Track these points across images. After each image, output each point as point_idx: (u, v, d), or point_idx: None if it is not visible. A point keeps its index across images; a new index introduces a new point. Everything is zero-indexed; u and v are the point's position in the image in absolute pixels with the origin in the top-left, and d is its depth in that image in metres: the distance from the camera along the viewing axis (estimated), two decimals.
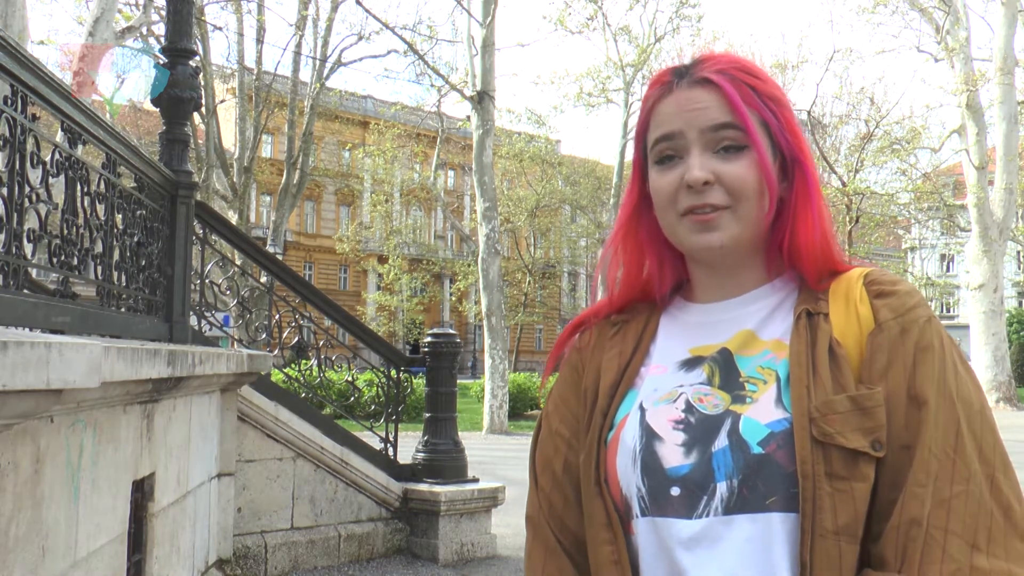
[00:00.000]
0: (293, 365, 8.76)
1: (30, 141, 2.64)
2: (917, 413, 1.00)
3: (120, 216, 3.75)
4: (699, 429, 1.06)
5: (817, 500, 0.98)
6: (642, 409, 1.12)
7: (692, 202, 1.09)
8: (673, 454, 1.06)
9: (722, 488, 1.02)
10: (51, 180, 2.87)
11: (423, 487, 6.67)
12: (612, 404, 1.15)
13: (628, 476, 1.08)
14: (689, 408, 1.09)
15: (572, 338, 1.28)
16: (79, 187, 3.16)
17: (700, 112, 1.10)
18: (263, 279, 9.18)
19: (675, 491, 1.04)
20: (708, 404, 1.08)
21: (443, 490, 6.59)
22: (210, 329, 6.30)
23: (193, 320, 5.44)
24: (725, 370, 1.11)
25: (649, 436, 1.08)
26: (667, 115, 1.12)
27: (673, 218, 1.12)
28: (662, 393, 1.12)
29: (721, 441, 1.04)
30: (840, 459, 0.99)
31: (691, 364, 1.14)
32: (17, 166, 2.54)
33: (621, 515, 1.11)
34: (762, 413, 1.04)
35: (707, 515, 1.02)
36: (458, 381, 7.38)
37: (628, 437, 1.10)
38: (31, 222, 2.71)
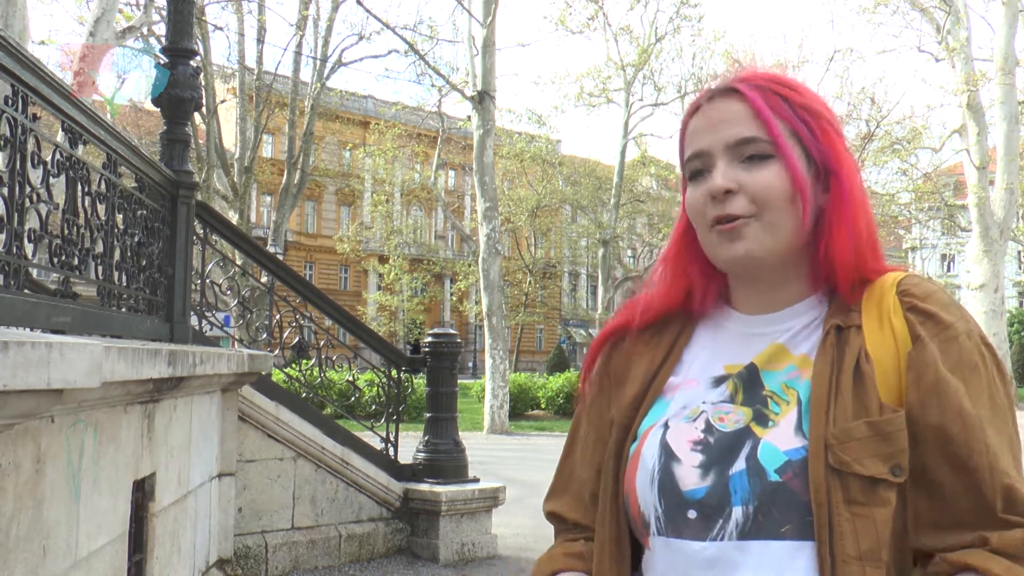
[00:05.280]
0: (294, 365, 8.75)
1: (31, 141, 2.64)
2: (963, 431, 1.00)
3: (121, 216, 3.75)
4: (716, 449, 1.06)
5: (836, 527, 0.97)
6: (666, 426, 1.11)
7: (717, 212, 1.09)
8: (690, 476, 1.05)
9: (737, 513, 1.01)
10: (52, 180, 2.87)
11: (424, 487, 6.67)
12: (637, 415, 1.15)
13: (646, 495, 1.09)
14: (709, 428, 1.08)
15: (606, 344, 1.27)
16: (80, 187, 3.16)
17: (726, 126, 1.10)
18: (264, 279, 9.18)
19: (692, 514, 1.04)
20: (728, 422, 1.07)
21: (444, 490, 6.59)
22: (211, 329, 6.30)
23: (194, 320, 5.44)
24: (749, 385, 1.10)
25: (667, 456, 1.08)
26: (696, 133, 1.13)
27: (704, 231, 1.12)
28: (687, 410, 1.12)
29: (739, 464, 1.03)
30: (858, 486, 0.98)
31: (720, 380, 1.13)
32: (18, 166, 2.54)
33: (638, 528, 1.11)
34: (781, 439, 1.03)
35: (721, 539, 1.02)
36: (459, 381, 7.38)
37: (648, 454, 1.10)
38: (32, 222, 2.71)
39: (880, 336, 1.05)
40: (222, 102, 23.81)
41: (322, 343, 7.16)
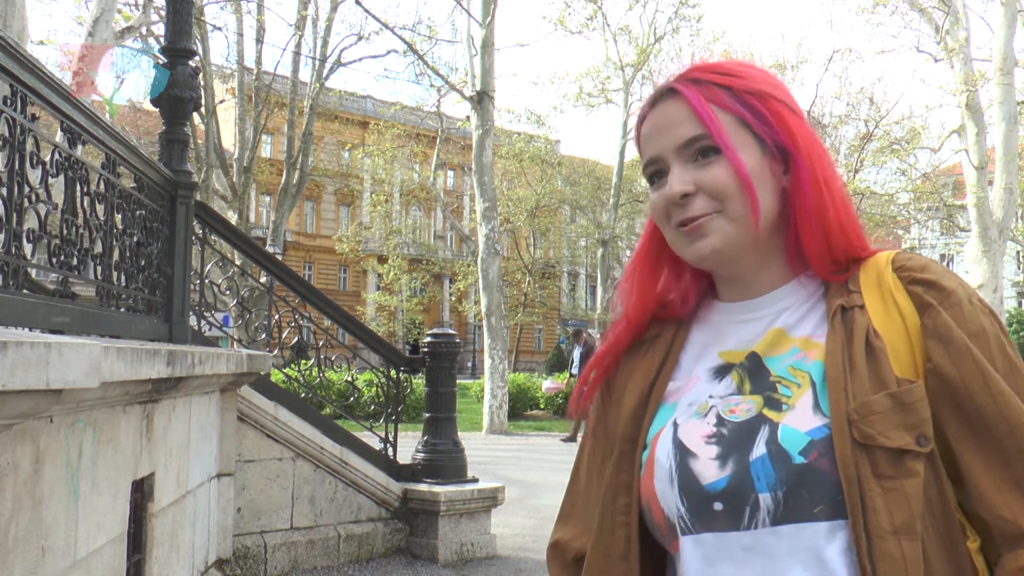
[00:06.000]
0: (293, 365, 8.76)
1: (30, 141, 2.64)
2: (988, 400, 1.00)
3: (120, 216, 3.75)
4: (732, 439, 1.05)
5: (869, 502, 0.97)
6: (675, 425, 1.11)
7: (680, 216, 1.10)
8: (708, 469, 1.05)
9: (766, 499, 1.01)
10: (51, 180, 2.87)
11: (423, 487, 6.67)
12: (642, 426, 1.14)
13: (667, 496, 1.08)
14: (720, 421, 1.07)
15: (601, 367, 1.26)
16: (79, 187, 3.16)
17: (670, 130, 1.11)
18: (263, 279, 9.18)
19: (718, 506, 1.04)
20: (740, 412, 1.07)
21: (443, 490, 6.59)
22: (210, 329, 6.30)
23: (193, 320, 5.44)
24: (754, 374, 1.10)
25: (683, 454, 1.07)
26: (647, 139, 1.14)
27: (671, 233, 1.13)
28: (695, 406, 1.11)
29: (758, 449, 1.02)
30: (886, 459, 0.98)
31: (721, 372, 1.13)
32: (17, 166, 2.54)
33: (664, 534, 1.10)
34: (800, 421, 1.03)
35: (755, 527, 1.01)
36: (458, 381, 7.38)
37: (662, 456, 1.09)
38: (31, 222, 2.71)
39: (885, 314, 1.05)
40: (221, 102, 23.79)
41: (321, 343, 7.16)
